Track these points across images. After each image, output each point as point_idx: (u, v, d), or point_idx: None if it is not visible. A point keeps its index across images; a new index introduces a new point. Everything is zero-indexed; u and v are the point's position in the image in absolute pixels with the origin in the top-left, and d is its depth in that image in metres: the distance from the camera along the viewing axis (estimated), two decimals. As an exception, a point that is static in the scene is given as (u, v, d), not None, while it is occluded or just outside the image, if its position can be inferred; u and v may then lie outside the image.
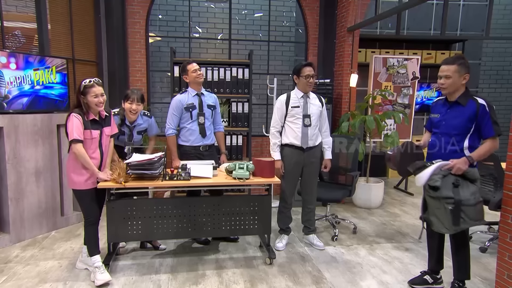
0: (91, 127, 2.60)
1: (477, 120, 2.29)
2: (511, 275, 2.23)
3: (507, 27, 6.64)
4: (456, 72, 2.31)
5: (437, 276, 2.66)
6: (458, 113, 2.35)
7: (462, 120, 2.33)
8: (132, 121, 3.10)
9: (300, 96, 3.13)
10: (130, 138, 3.13)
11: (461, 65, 2.30)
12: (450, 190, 2.23)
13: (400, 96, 5.31)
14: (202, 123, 3.22)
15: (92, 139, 2.61)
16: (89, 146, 2.62)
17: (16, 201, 3.27)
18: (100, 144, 2.69)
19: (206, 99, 3.27)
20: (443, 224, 2.27)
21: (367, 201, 4.58)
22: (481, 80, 6.78)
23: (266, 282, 2.69)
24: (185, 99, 3.20)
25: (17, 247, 3.24)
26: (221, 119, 3.50)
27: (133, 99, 2.99)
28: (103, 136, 2.69)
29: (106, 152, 2.75)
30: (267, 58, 5.45)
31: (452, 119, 2.37)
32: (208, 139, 3.27)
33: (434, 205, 2.30)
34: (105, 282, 2.60)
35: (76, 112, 2.55)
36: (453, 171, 2.27)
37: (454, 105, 2.39)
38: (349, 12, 4.72)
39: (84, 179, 2.61)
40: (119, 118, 3.04)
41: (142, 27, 4.82)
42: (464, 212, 2.20)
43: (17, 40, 3.68)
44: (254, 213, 2.95)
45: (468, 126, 2.32)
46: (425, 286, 2.65)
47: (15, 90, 3.29)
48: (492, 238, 3.36)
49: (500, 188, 3.11)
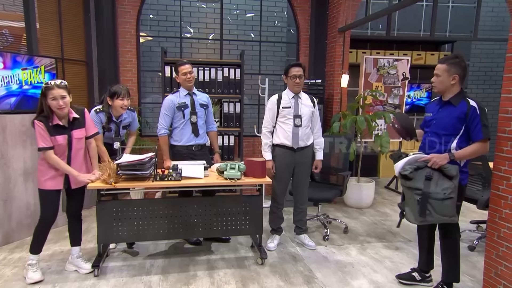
0: (55, 133, 2.49)
1: (467, 122, 2.27)
2: (499, 273, 2.26)
3: (494, 28, 6.76)
4: (445, 71, 2.30)
5: (426, 275, 2.68)
6: (448, 113, 2.34)
7: (451, 120, 2.32)
8: (118, 117, 3.08)
9: (291, 97, 3.14)
10: (117, 134, 3.12)
11: (451, 64, 2.28)
12: (422, 182, 2.25)
13: (391, 97, 5.36)
14: (195, 122, 3.20)
15: (56, 145, 2.51)
16: (55, 152, 2.53)
17: (4, 202, 3.22)
18: (69, 149, 2.58)
19: (198, 98, 3.26)
20: (412, 214, 2.31)
21: (358, 201, 4.61)
22: (469, 81, 6.89)
23: (257, 282, 2.69)
24: (176, 99, 3.19)
25: (4, 250, 3.19)
26: (213, 119, 3.48)
27: (124, 95, 2.98)
28: (72, 141, 2.58)
29: (78, 157, 2.64)
30: (259, 58, 5.46)
31: (442, 118, 2.37)
32: (200, 138, 3.26)
33: (407, 195, 2.35)
34: (35, 281, 2.62)
35: (39, 119, 2.45)
36: (429, 164, 2.28)
37: (446, 105, 2.38)
38: (340, 13, 4.75)
39: (43, 179, 2.55)
40: (105, 115, 3.01)
41: (132, 26, 4.78)
42: (431, 205, 2.22)
43: (5, 39, 3.62)
44: (245, 213, 2.94)
45: (457, 126, 2.30)
46: (412, 283, 2.68)
47: (3, 90, 3.24)
48: (480, 237, 3.40)
49: (488, 188, 3.15)
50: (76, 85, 4.37)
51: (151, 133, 5.19)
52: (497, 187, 2.27)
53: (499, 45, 6.83)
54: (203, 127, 3.28)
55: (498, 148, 2.27)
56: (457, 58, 2.31)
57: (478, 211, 4.00)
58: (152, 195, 4.56)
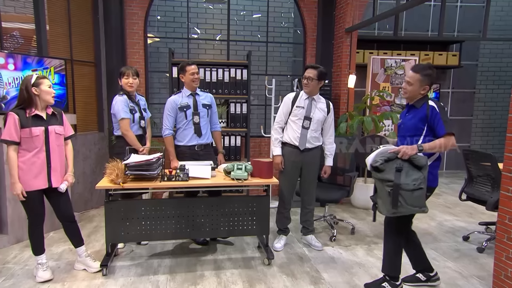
0: (31, 124, 2.45)
1: (428, 121, 2.34)
2: (508, 275, 2.25)
3: (504, 28, 6.69)
4: (418, 81, 2.36)
5: (431, 274, 2.67)
6: (412, 115, 2.44)
7: (414, 122, 2.40)
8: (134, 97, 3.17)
9: (306, 98, 3.14)
10: (142, 114, 3.19)
11: (425, 75, 2.35)
12: (392, 173, 2.27)
13: (398, 97, 5.33)
14: (197, 123, 3.22)
15: (33, 137, 2.46)
16: (30, 146, 2.48)
17: (14, 202, 3.26)
18: (47, 143, 2.53)
19: (201, 99, 3.27)
20: (384, 206, 2.32)
21: (365, 201, 4.58)
22: (478, 81, 6.82)
23: (264, 283, 2.70)
24: (179, 100, 3.22)
25: (15, 248, 3.24)
26: (218, 119, 3.49)
27: (129, 73, 3.07)
28: (50, 135, 2.54)
29: (58, 154, 2.60)
30: (266, 59, 5.46)
31: (407, 121, 2.46)
32: (203, 138, 3.26)
33: (379, 187, 2.37)
34: (45, 280, 2.64)
35: (14, 111, 2.44)
36: (399, 155, 2.29)
37: (411, 109, 2.46)
38: (347, 13, 4.74)
39: (27, 179, 2.50)
40: (125, 97, 3.08)
41: (140, 28, 4.82)
42: (402, 196, 2.23)
43: (16, 41, 3.67)
44: (252, 213, 2.95)
45: (420, 127, 2.38)
46: (417, 284, 2.68)
47: (13, 91, 3.29)
48: (490, 239, 3.37)
49: (497, 189, 3.12)
50: (85, 86, 4.42)
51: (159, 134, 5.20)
52: (507, 188, 2.26)
53: (509, 44, 6.76)
54: (205, 127, 3.28)
55: (507, 148, 2.26)
56: (430, 69, 2.37)
57: (487, 213, 3.96)
58: (160, 195, 4.60)
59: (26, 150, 2.49)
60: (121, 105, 3.02)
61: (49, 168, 2.56)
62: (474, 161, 3.42)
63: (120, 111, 3.02)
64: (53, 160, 2.57)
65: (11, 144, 2.45)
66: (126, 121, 3.03)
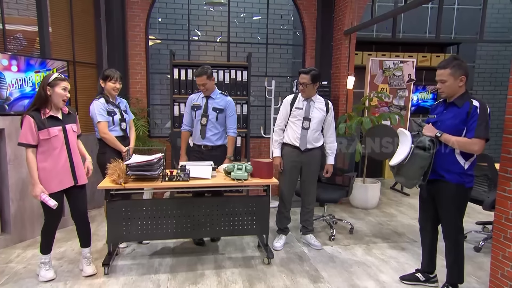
0: (48, 125, 2.47)
1: (467, 121, 2.27)
2: (505, 274, 2.27)
3: (500, 30, 6.75)
4: (451, 75, 2.28)
5: (431, 275, 2.69)
6: (452, 115, 2.33)
7: (454, 122, 2.31)
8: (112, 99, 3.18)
9: (304, 99, 3.19)
10: (122, 116, 3.18)
11: (454, 67, 2.27)
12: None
13: (396, 98, 5.38)
14: (204, 124, 3.27)
15: (51, 138, 2.48)
16: (51, 147, 2.49)
17: (17, 201, 3.30)
18: (67, 142, 2.57)
19: (213, 102, 3.29)
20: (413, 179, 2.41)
21: (363, 201, 4.63)
22: (475, 82, 6.87)
23: (264, 282, 2.73)
24: (194, 99, 3.33)
25: (18, 247, 3.27)
26: (234, 123, 3.36)
27: (116, 78, 3.08)
28: (68, 134, 2.58)
29: (76, 151, 2.66)
30: (265, 60, 5.51)
31: (446, 120, 2.36)
32: (208, 140, 3.30)
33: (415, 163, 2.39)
34: (48, 279, 2.67)
35: (30, 114, 2.44)
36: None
37: (450, 106, 2.36)
38: (346, 15, 4.79)
39: (49, 181, 2.52)
40: (104, 99, 3.09)
41: (142, 30, 4.87)
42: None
43: (19, 43, 3.72)
44: (252, 213, 2.99)
45: (460, 128, 2.29)
46: (416, 283, 2.70)
47: (17, 92, 3.33)
48: (486, 238, 3.41)
49: (494, 189, 3.15)
50: (87, 87, 4.46)
51: (160, 134, 5.27)
52: (504, 188, 2.27)
53: (505, 46, 6.82)
54: (212, 130, 3.29)
55: (504, 149, 2.26)
56: (457, 59, 2.30)
57: (484, 212, 4.00)
58: (161, 195, 4.63)
59: (47, 151, 2.50)
60: (97, 108, 3.04)
61: (73, 165, 2.61)
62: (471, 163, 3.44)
63: (95, 115, 3.04)
64: (74, 157, 2.62)
65: (28, 147, 2.47)
66: (103, 124, 3.04)
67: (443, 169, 2.37)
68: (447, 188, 2.37)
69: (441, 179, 2.39)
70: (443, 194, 2.40)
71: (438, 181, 2.40)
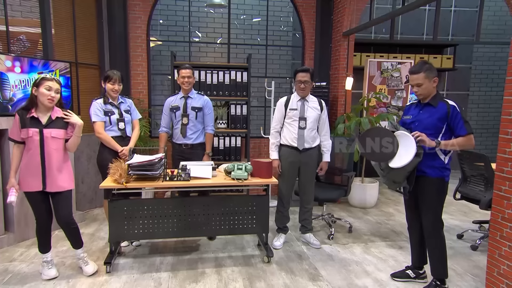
0: (29, 125, 2.46)
1: (448, 121, 2.41)
2: (501, 272, 2.29)
3: (496, 32, 6.81)
4: (426, 78, 2.42)
5: (420, 271, 2.75)
6: (429, 114, 2.46)
7: (433, 120, 2.44)
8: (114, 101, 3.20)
9: (298, 99, 3.23)
10: (121, 116, 3.18)
11: (427, 70, 2.42)
12: None
13: (394, 99, 5.43)
14: (185, 124, 3.39)
15: (28, 138, 2.47)
16: (27, 147, 2.51)
17: (20, 201, 3.31)
18: (42, 146, 2.49)
19: (192, 102, 3.40)
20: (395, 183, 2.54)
21: (362, 200, 4.67)
22: (471, 83, 6.92)
23: (264, 280, 2.76)
24: (172, 101, 3.45)
25: (21, 246, 3.31)
26: (211, 121, 3.50)
27: (115, 80, 3.10)
28: (45, 139, 2.50)
29: (55, 158, 2.54)
30: (265, 61, 5.55)
31: (424, 119, 2.49)
32: (188, 138, 3.42)
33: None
34: (50, 278, 2.71)
35: (18, 111, 2.48)
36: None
37: (426, 107, 2.50)
38: (345, 17, 4.83)
39: (23, 179, 2.54)
40: (102, 100, 3.13)
41: (143, 31, 4.91)
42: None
43: (22, 45, 3.76)
44: (252, 212, 3.02)
45: (439, 125, 2.43)
46: (406, 280, 2.76)
47: (20, 93, 3.37)
48: (483, 237, 3.45)
49: (490, 188, 3.20)
50: (89, 88, 4.50)
51: (159, 134, 5.29)
52: (500, 187, 2.30)
53: (501, 48, 6.87)
54: (193, 128, 3.41)
55: (500, 149, 2.30)
56: (427, 63, 2.46)
57: (481, 211, 4.05)
58: (162, 194, 4.68)
59: (26, 151, 2.53)
60: (93, 109, 3.09)
61: (44, 171, 2.52)
62: (468, 161, 3.50)
63: (91, 115, 3.10)
64: (48, 164, 2.52)
65: (14, 143, 2.54)
66: (98, 124, 3.08)
67: (425, 166, 2.46)
68: (430, 183, 2.47)
69: (423, 175, 2.48)
70: (426, 189, 2.49)
71: (419, 177, 2.49)
